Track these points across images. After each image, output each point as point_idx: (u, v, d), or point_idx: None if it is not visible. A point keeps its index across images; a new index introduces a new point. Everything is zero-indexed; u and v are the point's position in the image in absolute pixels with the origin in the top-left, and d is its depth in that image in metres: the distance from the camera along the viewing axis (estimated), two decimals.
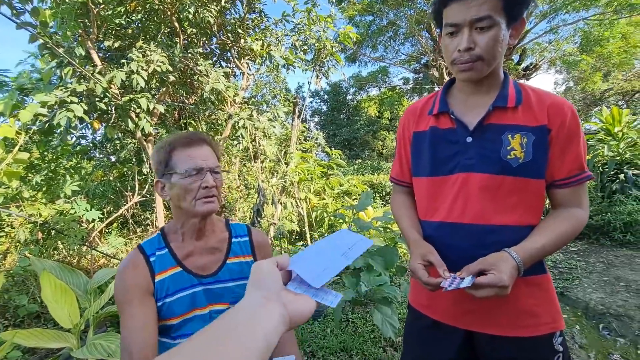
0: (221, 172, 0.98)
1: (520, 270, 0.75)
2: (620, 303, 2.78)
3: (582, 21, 10.42)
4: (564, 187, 0.85)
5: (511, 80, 0.90)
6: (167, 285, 0.89)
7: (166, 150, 0.90)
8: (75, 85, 2.73)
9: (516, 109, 0.84)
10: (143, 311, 0.84)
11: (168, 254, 0.92)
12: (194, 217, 0.91)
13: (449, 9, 0.80)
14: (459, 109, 0.91)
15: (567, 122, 0.82)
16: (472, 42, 0.78)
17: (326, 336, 2.34)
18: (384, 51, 14.27)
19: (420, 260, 0.85)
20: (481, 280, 0.71)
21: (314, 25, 3.63)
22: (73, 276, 1.80)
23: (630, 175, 4.72)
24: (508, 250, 0.77)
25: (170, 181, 0.89)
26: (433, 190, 0.93)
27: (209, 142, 0.96)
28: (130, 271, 0.88)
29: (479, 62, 0.80)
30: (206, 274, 0.95)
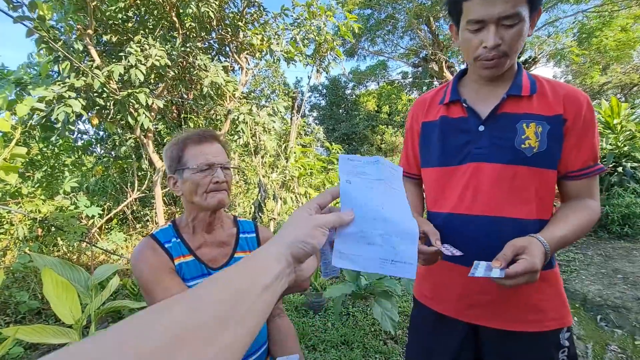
0: (231, 168, 1.02)
1: (548, 256, 0.71)
2: (618, 295, 2.81)
3: (581, 13, 10.36)
4: (578, 179, 0.84)
5: (524, 71, 0.88)
6: (184, 271, 0.93)
7: (179, 146, 0.94)
8: (73, 80, 2.71)
9: (531, 98, 0.83)
10: (177, 282, 0.88)
11: (181, 243, 0.96)
12: (205, 211, 0.95)
13: (471, 3, 0.76)
14: (471, 97, 0.90)
15: (583, 112, 0.81)
16: (500, 38, 0.76)
17: (327, 330, 2.36)
18: (383, 45, 14.19)
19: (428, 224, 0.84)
20: (515, 268, 0.66)
21: (314, 19, 3.60)
22: (74, 272, 1.80)
23: (629, 169, 4.73)
24: (535, 236, 0.74)
25: (182, 176, 0.93)
26: (442, 181, 0.92)
27: (219, 140, 1.00)
28: (151, 253, 0.91)
29: (504, 59, 0.79)
30: (215, 266, 0.98)
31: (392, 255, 0.53)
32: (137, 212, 4.76)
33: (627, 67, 14.90)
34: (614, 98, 5.21)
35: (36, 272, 2.83)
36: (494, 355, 0.88)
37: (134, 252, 0.93)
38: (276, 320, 1.11)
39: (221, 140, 1.01)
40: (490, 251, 0.76)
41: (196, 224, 0.98)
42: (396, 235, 0.53)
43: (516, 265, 0.67)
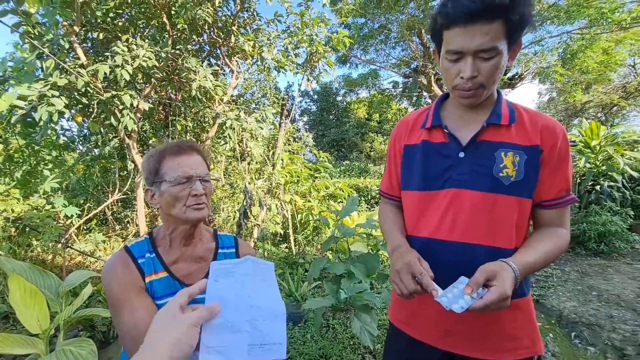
0: (211, 180, 0.99)
1: (517, 282, 0.73)
2: (592, 312, 2.88)
3: (565, 34, 10.74)
4: (551, 208, 0.86)
5: (504, 99, 0.90)
6: (155, 289, 0.90)
7: (156, 158, 0.92)
8: (56, 78, 2.63)
9: (509, 127, 0.85)
10: (145, 304, 0.85)
11: (156, 258, 0.93)
12: (184, 224, 0.93)
13: (450, 32, 0.77)
14: (452, 123, 0.91)
15: (559, 144, 0.83)
16: (476, 70, 0.77)
17: (306, 342, 2.34)
18: (375, 54, 14.34)
19: (417, 259, 0.82)
20: (489, 297, 0.68)
21: (307, 29, 3.61)
22: (44, 278, 1.73)
23: (606, 188, 4.89)
24: (505, 261, 0.75)
25: (160, 189, 0.91)
26: (422, 205, 0.92)
27: (199, 150, 0.98)
28: (123, 269, 0.88)
29: (481, 89, 0.80)
30: (190, 282, 0.94)
31: (260, 339, 0.55)
32: (118, 213, 4.65)
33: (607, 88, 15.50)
34: (593, 122, 5.41)
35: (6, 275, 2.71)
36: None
37: (105, 265, 0.91)
38: None
39: (201, 150, 0.99)
40: (466, 276, 0.76)
41: (174, 237, 0.96)
42: (264, 318, 0.56)
43: (489, 295, 0.68)
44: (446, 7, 0.76)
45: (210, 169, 1.01)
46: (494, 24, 0.72)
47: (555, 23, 10.24)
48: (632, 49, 10.87)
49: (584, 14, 9.24)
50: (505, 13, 0.72)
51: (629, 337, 2.46)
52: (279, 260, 3.74)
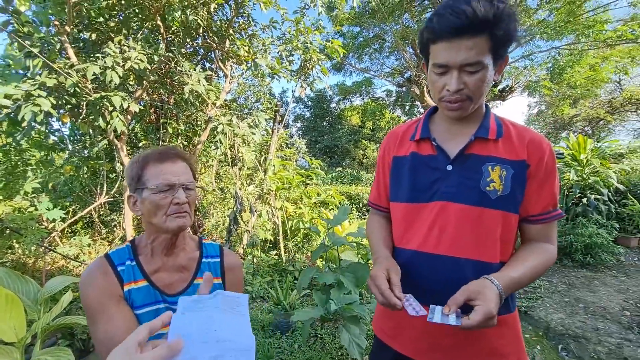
0: (195, 188, 0.96)
1: (502, 298, 0.72)
2: (579, 324, 2.90)
3: (554, 49, 11.04)
4: (538, 223, 0.86)
5: (492, 113, 0.91)
6: (134, 298, 0.88)
7: (139, 165, 0.90)
8: (45, 78, 2.58)
9: (497, 141, 0.85)
10: (122, 314, 0.83)
11: (137, 267, 0.91)
12: (165, 233, 0.91)
13: (437, 47, 0.78)
14: (440, 136, 0.91)
15: (545, 159, 0.83)
16: (462, 83, 0.78)
17: (293, 352, 2.29)
18: (370, 63, 14.52)
19: (384, 270, 0.82)
20: (475, 319, 0.67)
21: (302, 36, 3.63)
22: (22, 284, 1.67)
23: (592, 200, 4.98)
24: (489, 278, 0.75)
25: (141, 196, 0.89)
26: (410, 217, 0.92)
27: (183, 157, 0.95)
28: (101, 277, 0.86)
29: (467, 102, 0.80)
30: (171, 292, 0.93)
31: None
32: (105, 217, 4.55)
33: (594, 102, 15.93)
34: (581, 135, 5.54)
35: None
36: None
37: (84, 273, 0.88)
38: None
39: (187, 158, 0.97)
40: (452, 291, 0.75)
41: (155, 246, 0.93)
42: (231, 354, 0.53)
43: (475, 315, 0.67)
44: (432, 22, 0.77)
45: (196, 177, 0.98)
46: (479, 39, 0.73)
47: (544, 38, 10.53)
48: (617, 66, 11.20)
49: (571, 30, 9.54)
50: (489, 28, 0.73)
51: (614, 350, 2.48)
52: (268, 267, 3.69)
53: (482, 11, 0.70)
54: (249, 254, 3.88)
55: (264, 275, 3.49)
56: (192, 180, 0.95)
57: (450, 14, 0.72)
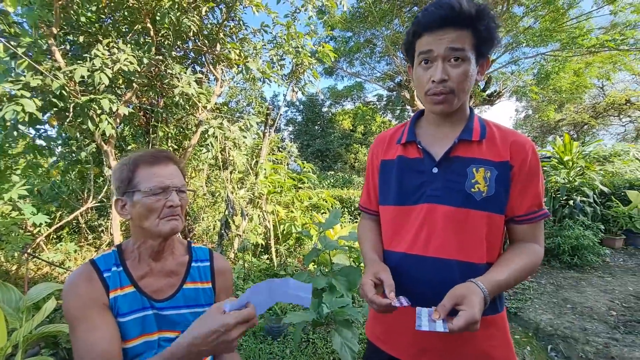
0: (187, 191, 0.96)
1: (487, 301, 0.73)
2: (567, 325, 2.94)
3: (540, 55, 11.32)
4: (523, 224, 0.87)
5: (476, 115, 0.92)
6: (120, 304, 0.86)
7: (130, 167, 0.88)
8: (29, 79, 2.52)
9: (480, 143, 0.86)
10: (105, 324, 0.81)
11: (123, 272, 0.89)
12: (156, 238, 0.89)
13: (422, 40, 0.82)
14: (426, 139, 0.92)
15: (529, 160, 0.84)
16: (446, 73, 0.79)
17: (285, 357, 2.27)
18: (361, 67, 14.66)
19: (372, 276, 0.83)
20: (458, 324, 0.68)
21: (293, 40, 3.64)
22: (4, 292, 1.61)
23: (579, 202, 5.09)
24: (474, 281, 0.75)
25: (132, 199, 0.87)
26: (398, 220, 0.93)
27: (174, 161, 0.95)
28: (85, 284, 0.84)
29: (451, 95, 0.82)
30: (160, 298, 0.91)
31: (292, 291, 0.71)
32: (92, 222, 4.45)
33: (579, 107, 16.36)
34: (567, 135, 5.64)
35: None
36: None
37: (68, 279, 0.86)
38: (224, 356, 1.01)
39: (177, 161, 0.96)
40: (441, 292, 0.76)
41: (143, 251, 0.91)
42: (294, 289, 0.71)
43: (457, 320, 0.68)
44: (418, 17, 0.82)
45: (186, 180, 0.98)
46: (462, 32, 0.78)
47: (530, 45, 10.80)
48: (600, 72, 11.54)
49: (555, 39, 9.80)
50: (472, 23, 0.77)
51: (601, 350, 2.52)
52: (259, 271, 3.66)
53: (465, 6, 0.75)
54: (240, 258, 3.83)
55: (256, 280, 3.46)
56: (184, 183, 0.94)
57: (435, 8, 0.78)
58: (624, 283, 3.96)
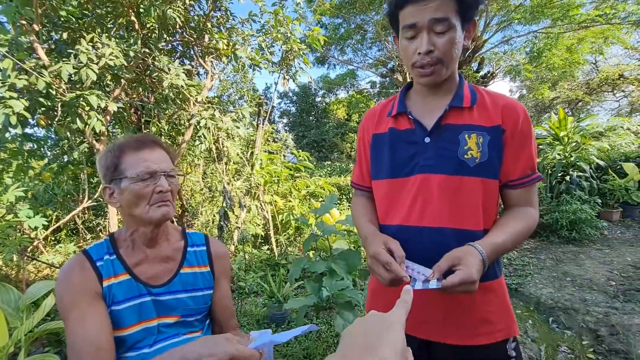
0: (177, 175, 0.93)
1: (486, 264, 0.73)
2: (567, 297, 2.98)
3: (532, 33, 11.22)
4: (517, 188, 0.86)
5: (466, 82, 0.91)
6: (115, 292, 0.85)
7: (115, 154, 0.86)
8: (14, 79, 2.47)
9: (471, 109, 0.85)
10: (95, 313, 0.79)
11: (117, 260, 0.88)
12: (147, 225, 0.88)
13: (404, 12, 0.80)
14: (417, 110, 0.91)
15: (520, 123, 0.83)
16: (432, 44, 0.78)
17: (289, 343, 2.29)
18: (352, 54, 14.48)
19: (383, 245, 0.82)
20: (452, 280, 0.68)
21: (282, 27, 3.57)
22: (2, 292, 1.60)
23: (575, 177, 5.11)
24: (473, 244, 0.75)
25: (120, 186, 0.85)
26: (392, 193, 0.91)
27: (161, 145, 0.93)
28: (77, 272, 0.83)
29: (439, 65, 0.80)
30: (157, 284, 0.90)
31: None
32: (89, 222, 4.43)
33: (572, 84, 16.31)
34: (562, 110, 5.62)
35: None
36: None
37: (62, 270, 0.85)
38: None
39: (164, 145, 0.94)
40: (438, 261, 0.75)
41: (136, 238, 0.90)
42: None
43: (452, 277, 0.68)
44: None
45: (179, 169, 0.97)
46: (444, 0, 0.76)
47: (522, 23, 10.69)
48: (593, 47, 11.46)
49: (547, 15, 9.70)
50: None
51: (601, 319, 2.56)
52: (260, 262, 3.67)
53: None
54: (240, 250, 3.84)
55: (257, 270, 3.47)
56: (173, 167, 0.92)
57: None
58: (622, 254, 4.00)
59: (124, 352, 0.85)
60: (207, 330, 1.01)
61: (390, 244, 0.82)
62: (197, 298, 0.96)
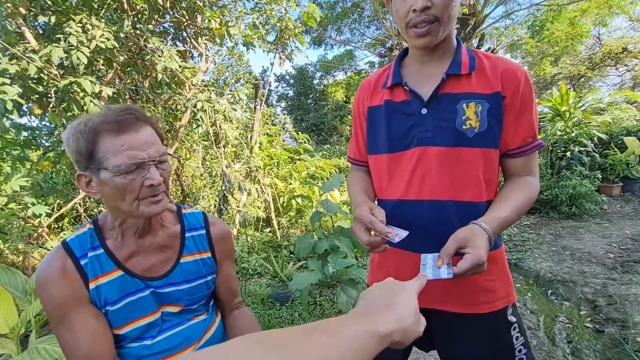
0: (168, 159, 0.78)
1: (491, 241, 0.72)
2: (566, 270, 3.02)
3: (534, 6, 10.92)
4: (518, 156, 0.84)
5: (464, 46, 0.86)
6: (106, 293, 0.75)
7: (88, 137, 0.67)
8: (6, 65, 2.42)
9: (470, 76, 0.81)
10: (85, 324, 0.72)
11: (105, 255, 0.76)
12: (138, 218, 0.76)
13: None
14: (412, 79, 0.87)
15: (521, 88, 0.80)
16: (429, 1, 0.73)
17: (294, 321, 2.34)
18: (350, 34, 14.18)
19: (367, 208, 0.81)
20: (463, 266, 0.66)
21: (276, 4, 3.47)
22: (9, 276, 1.63)
23: (576, 153, 5.09)
24: (477, 222, 0.73)
25: (99, 177, 0.69)
26: (390, 168, 0.89)
27: (147, 120, 0.74)
28: (57, 281, 0.71)
29: (436, 24, 0.76)
30: (154, 276, 0.81)
31: None
32: (91, 210, 4.45)
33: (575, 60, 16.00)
34: (564, 85, 5.54)
35: None
36: (445, 338, 0.90)
37: (39, 269, 0.73)
38: (234, 314, 1.00)
39: (150, 119, 0.75)
40: (442, 234, 0.75)
41: (125, 229, 0.78)
42: None
43: (463, 263, 0.67)
44: None
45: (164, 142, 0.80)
46: None
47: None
48: (596, 19, 11.18)
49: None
50: None
51: (599, 290, 2.61)
52: (262, 244, 3.70)
53: None
54: (242, 234, 3.87)
55: (260, 252, 3.51)
56: (163, 149, 0.75)
57: None
58: (621, 227, 4.04)
59: (128, 343, 0.80)
60: (212, 312, 0.95)
61: (375, 210, 0.81)
62: (201, 285, 0.88)
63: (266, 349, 0.29)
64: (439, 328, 0.90)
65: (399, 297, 0.47)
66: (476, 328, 0.86)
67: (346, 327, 0.36)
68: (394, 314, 0.42)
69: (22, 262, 3.37)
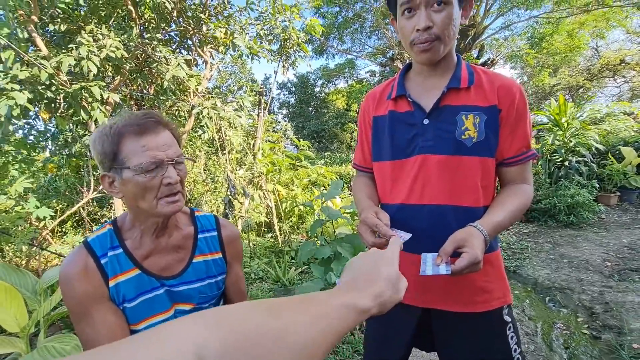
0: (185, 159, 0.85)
1: (488, 243, 0.77)
2: (564, 277, 3.06)
3: (533, 19, 11.10)
4: (513, 165, 0.90)
5: (464, 62, 0.93)
6: (125, 290, 0.79)
7: (112, 139, 0.74)
8: (17, 71, 2.49)
9: (469, 89, 0.88)
10: (105, 319, 0.76)
11: (124, 255, 0.81)
12: (155, 217, 0.81)
13: None
14: (415, 91, 0.94)
15: (516, 102, 0.86)
16: (430, 20, 0.80)
17: None
18: (351, 43, 14.38)
19: (372, 212, 0.88)
20: (460, 264, 0.72)
21: (280, 15, 3.56)
22: (20, 277, 1.67)
23: (574, 163, 5.15)
24: (474, 225, 0.79)
25: (121, 177, 0.75)
26: (394, 174, 0.95)
27: (166, 125, 0.81)
28: (80, 279, 0.75)
29: (437, 42, 0.82)
30: (169, 275, 0.86)
31: None
32: (94, 214, 4.49)
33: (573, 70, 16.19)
34: (562, 96, 5.62)
35: None
36: (445, 336, 0.95)
37: (63, 267, 0.77)
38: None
39: (169, 125, 0.82)
40: (440, 237, 0.81)
41: (144, 230, 0.84)
42: None
43: (460, 261, 0.73)
44: None
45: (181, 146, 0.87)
46: None
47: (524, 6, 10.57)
48: (594, 32, 11.36)
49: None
50: None
51: (596, 297, 2.64)
52: (264, 249, 3.74)
53: None
54: (245, 239, 3.91)
55: (262, 257, 3.54)
56: (180, 152, 0.82)
57: None
58: (619, 236, 4.08)
59: None
60: None
61: (380, 214, 0.88)
62: (212, 285, 0.93)
63: (264, 310, 0.35)
64: (439, 327, 0.95)
65: (381, 270, 0.52)
66: (474, 326, 0.91)
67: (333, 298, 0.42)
68: (373, 290, 0.47)
69: (25, 265, 3.40)
